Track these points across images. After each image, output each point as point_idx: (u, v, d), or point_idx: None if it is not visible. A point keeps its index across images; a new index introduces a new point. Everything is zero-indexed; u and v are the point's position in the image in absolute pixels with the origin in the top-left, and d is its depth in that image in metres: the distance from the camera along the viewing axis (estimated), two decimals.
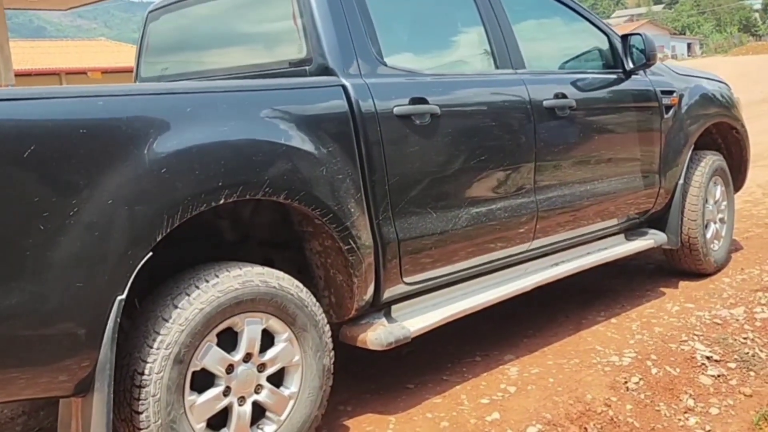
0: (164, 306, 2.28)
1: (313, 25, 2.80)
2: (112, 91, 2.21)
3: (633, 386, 3.09)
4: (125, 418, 2.23)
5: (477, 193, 3.11)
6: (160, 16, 3.72)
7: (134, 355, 2.22)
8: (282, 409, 2.52)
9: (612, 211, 3.85)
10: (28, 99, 2.04)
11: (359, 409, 2.98)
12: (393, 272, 2.86)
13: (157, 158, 2.16)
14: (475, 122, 3.13)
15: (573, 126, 3.57)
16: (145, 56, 3.81)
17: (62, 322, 2.01)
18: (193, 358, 2.28)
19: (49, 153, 1.98)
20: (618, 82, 3.90)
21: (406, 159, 2.85)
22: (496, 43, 3.37)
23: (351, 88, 2.73)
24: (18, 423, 3.11)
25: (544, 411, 2.88)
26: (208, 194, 2.26)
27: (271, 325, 2.49)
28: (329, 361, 2.64)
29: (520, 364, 3.33)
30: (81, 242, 2.01)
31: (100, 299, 2.06)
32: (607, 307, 4.03)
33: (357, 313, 2.84)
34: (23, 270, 1.94)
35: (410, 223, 2.87)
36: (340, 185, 2.63)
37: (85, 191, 2.03)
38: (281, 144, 2.48)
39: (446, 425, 2.80)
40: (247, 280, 2.41)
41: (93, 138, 2.07)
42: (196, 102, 2.36)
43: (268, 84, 2.69)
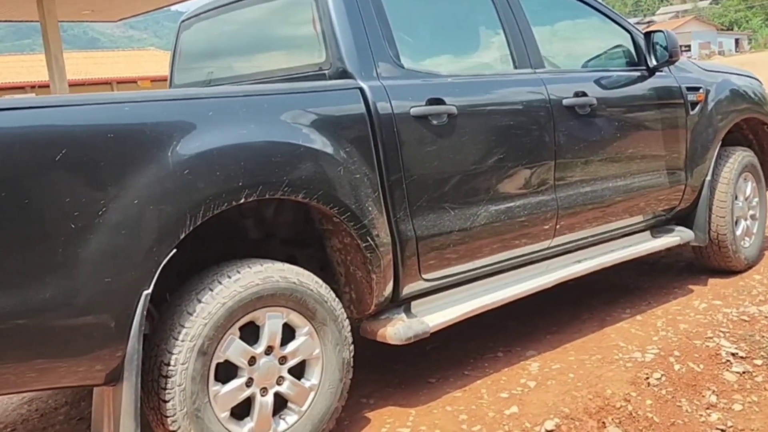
0: (189, 300, 2.40)
1: (332, 30, 2.90)
2: (137, 98, 2.35)
3: (654, 382, 3.11)
4: (153, 406, 2.35)
5: (495, 192, 3.16)
6: (191, 25, 3.88)
7: (161, 347, 2.35)
8: (303, 400, 2.62)
9: (636, 208, 3.86)
10: (60, 106, 2.19)
11: (381, 402, 3.06)
12: (412, 269, 2.93)
13: (181, 160, 2.28)
14: (493, 122, 3.19)
15: (594, 124, 3.60)
16: (178, 64, 3.97)
17: (93, 314, 2.14)
18: (216, 350, 2.40)
19: (79, 156, 2.12)
20: (641, 80, 3.91)
21: (423, 158, 2.92)
22: (515, 43, 3.42)
23: (368, 90, 2.81)
24: (61, 413, 3.28)
25: (563, 405, 2.92)
26: (229, 194, 2.37)
27: (292, 319, 2.59)
28: (349, 355, 2.73)
29: (542, 359, 3.38)
30: (109, 240, 2.14)
31: (128, 293, 2.18)
32: (633, 304, 4.03)
33: (377, 309, 2.92)
34: (56, 266, 2.08)
35: (428, 221, 2.94)
36: (357, 184, 2.71)
37: (113, 192, 2.16)
38: (299, 145, 2.58)
39: (464, 418, 2.87)
40: (268, 276, 2.51)
41: (120, 142, 2.20)
42: (218, 106, 2.48)
43: (286, 88, 2.79)
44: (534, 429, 2.76)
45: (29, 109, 2.13)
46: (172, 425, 2.31)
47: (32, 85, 26.34)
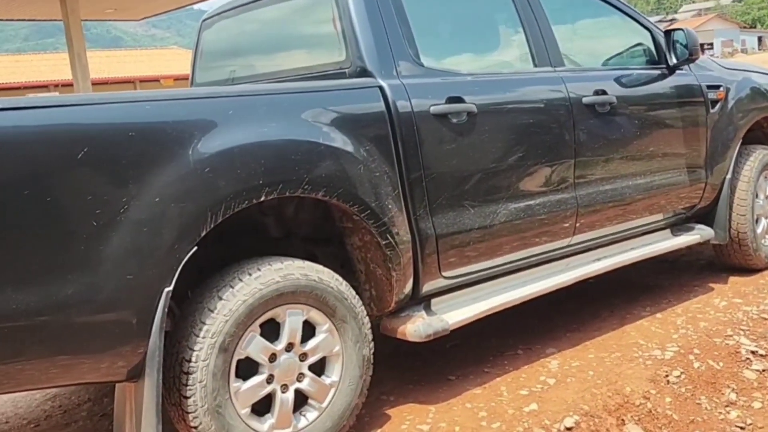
0: (210, 297, 2.42)
1: (352, 29, 2.91)
2: (158, 96, 2.37)
3: (674, 380, 3.09)
4: (175, 402, 2.38)
5: (515, 190, 3.16)
6: (212, 24, 3.91)
7: (182, 344, 2.37)
8: (323, 396, 2.64)
9: (656, 206, 3.84)
10: (81, 105, 2.22)
11: (401, 399, 3.07)
12: (431, 267, 2.94)
13: (201, 158, 2.30)
14: (513, 120, 3.18)
15: (614, 122, 3.58)
16: (200, 62, 4.00)
17: (114, 311, 2.17)
18: (237, 346, 2.42)
19: (100, 154, 2.15)
20: (661, 78, 3.89)
21: (443, 156, 2.92)
22: (534, 42, 3.42)
23: (388, 88, 2.82)
24: (83, 409, 3.33)
25: (582, 403, 2.91)
26: (249, 192, 2.39)
27: (312, 316, 2.61)
28: (369, 352, 2.75)
29: (562, 357, 3.37)
30: (130, 237, 2.17)
31: (149, 290, 2.21)
32: (653, 302, 4.01)
33: (397, 306, 2.93)
34: (78, 263, 2.10)
35: (448, 219, 2.95)
36: (377, 182, 2.72)
37: (134, 190, 2.18)
38: (319, 143, 2.59)
39: (484, 414, 2.87)
40: (288, 274, 2.53)
41: (141, 140, 2.22)
42: (238, 105, 2.50)
43: (306, 86, 2.81)
44: (553, 426, 2.76)
45: (51, 108, 2.16)
46: (193, 421, 2.33)
47: (56, 84, 26.63)
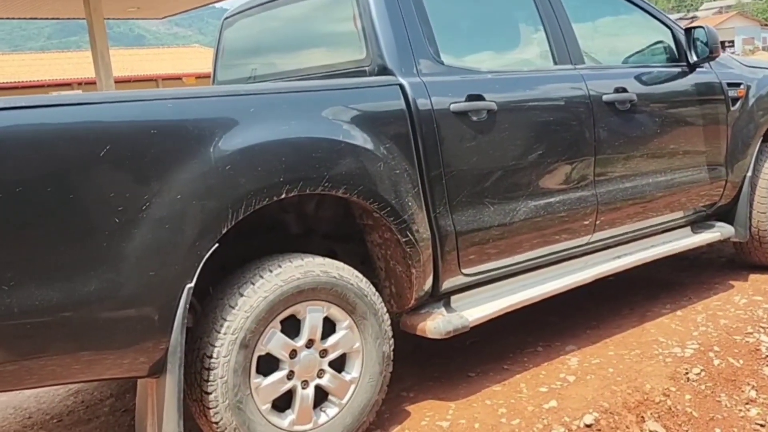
0: (231, 294, 2.44)
1: (372, 27, 2.92)
2: (180, 94, 2.39)
3: (694, 377, 3.08)
4: (196, 398, 2.41)
5: (534, 187, 3.15)
6: (234, 22, 3.94)
7: (204, 340, 2.40)
8: (343, 393, 2.65)
9: (676, 203, 3.81)
10: (104, 102, 2.24)
11: (421, 395, 3.08)
12: (451, 264, 2.94)
13: (222, 156, 2.32)
14: (533, 117, 3.18)
15: (634, 120, 3.56)
16: (221, 60, 4.03)
17: (137, 307, 2.19)
18: (258, 343, 2.44)
19: (123, 152, 2.17)
20: (681, 76, 3.86)
21: (463, 154, 2.93)
22: (555, 40, 3.41)
23: (408, 86, 2.83)
24: (106, 404, 3.38)
25: (602, 400, 2.91)
26: (270, 189, 2.41)
27: (332, 313, 2.63)
28: (389, 348, 2.76)
29: (581, 354, 3.36)
30: (153, 234, 2.19)
31: (171, 287, 2.23)
32: (673, 299, 3.99)
33: (416, 303, 2.94)
34: (101, 259, 2.13)
35: (468, 217, 2.95)
36: (397, 180, 2.73)
37: (156, 187, 2.20)
38: (340, 141, 2.60)
39: (504, 411, 2.87)
40: (308, 270, 2.55)
41: (163, 138, 2.25)
42: (259, 103, 2.52)
43: (326, 84, 2.82)
44: (573, 423, 2.76)
45: (74, 106, 2.18)
46: (215, 417, 2.36)
47: (79, 82, 26.88)
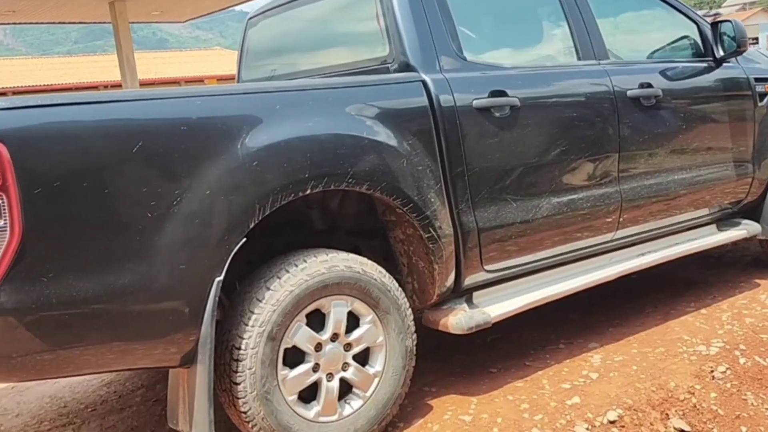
0: (258, 288, 2.49)
1: (395, 24, 2.95)
2: (208, 92, 2.44)
3: (719, 375, 3.07)
4: (225, 388, 2.46)
5: (557, 184, 3.16)
6: (258, 23, 3.99)
7: (232, 332, 2.45)
8: (367, 386, 2.69)
9: (701, 201, 3.80)
10: (136, 100, 2.30)
11: (443, 390, 3.11)
12: (473, 260, 2.96)
13: (249, 152, 2.37)
14: (556, 113, 3.19)
15: (659, 115, 3.56)
16: (245, 61, 4.09)
17: (168, 299, 2.25)
18: (284, 335, 2.49)
19: (154, 148, 2.23)
20: (708, 71, 3.84)
21: (486, 150, 2.95)
22: (579, 35, 3.41)
23: (431, 83, 2.86)
24: (137, 395, 3.45)
25: (626, 397, 2.91)
26: (296, 185, 2.45)
27: (356, 307, 2.66)
28: (411, 343, 2.79)
29: (604, 351, 3.36)
30: (183, 228, 2.25)
31: (201, 280, 2.28)
32: (698, 298, 3.97)
33: (439, 299, 2.96)
34: (133, 253, 2.19)
35: (490, 213, 2.97)
36: (420, 176, 2.76)
37: (186, 182, 2.26)
38: (363, 137, 2.64)
39: (526, 407, 2.89)
40: (333, 265, 2.59)
41: (192, 134, 2.30)
42: (284, 100, 2.56)
43: (350, 81, 2.86)
44: (596, 419, 2.77)
45: (108, 103, 2.25)
46: (243, 406, 2.41)
47: (105, 85, 27.34)
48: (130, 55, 14.16)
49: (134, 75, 14.13)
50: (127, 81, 14.06)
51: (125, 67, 14.13)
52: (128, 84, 14.01)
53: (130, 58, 14.15)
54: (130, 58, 14.15)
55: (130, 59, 14.14)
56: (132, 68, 14.14)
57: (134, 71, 14.17)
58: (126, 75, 14.11)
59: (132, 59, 14.18)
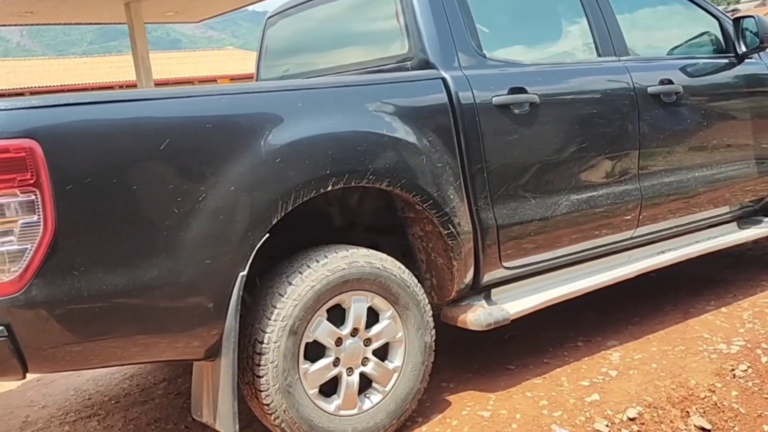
0: (280, 283, 2.52)
1: (415, 22, 2.96)
2: (233, 90, 2.48)
3: (740, 374, 3.06)
4: (248, 381, 2.49)
5: (577, 181, 3.16)
6: (277, 21, 4.03)
7: (255, 326, 2.48)
8: (387, 381, 2.71)
9: (722, 198, 3.78)
10: (163, 98, 2.34)
11: (461, 386, 3.12)
12: (492, 257, 2.97)
13: (272, 149, 2.40)
14: (576, 110, 3.19)
15: (680, 112, 3.55)
16: (264, 60, 4.12)
17: (194, 293, 2.28)
18: (306, 330, 2.51)
19: (181, 145, 2.27)
20: (729, 67, 3.83)
21: (505, 147, 2.96)
22: (599, 31, 3.41)
23: (450, 80, 2.87)
24: (159, 388, 3.50)
25: (646, 394, 2.91)
26: (317, 181, 2.48)
27: (376, 303, 2.68)
28: (430, 339, 2.81)
29: (623, 349, 3.36)
30: (208, 224, 2.28)
31: (225, 274, 2.32)
32: (718, 296, 3.96)
33: (457, 295, 2.98)
34: (160, 248, 2.23)
35: (509, 210, 2.98)
36: (439, 173, 2.78)
37: (211, 179, 2.29)
38: (384, 135, 2.66)
39: (545, 403, 2.90)
40: (354, 261, 2.61)
41: (217, 132, 2.34)
42: (306, 97, 2.58)
43: (371, 79, 2.88)
44: (616, 416, 2.77)
45: (136, 101, 2.29)
46: (266, 399, 2.44)
47: (120, 85, 27.53)
48: (145, 56, 14.28)
49: (149, 75, 14.25)
50: (142, 81, 14.19)
51: (140, 67, 14.26)
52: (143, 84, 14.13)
53: (145, 58, 14.27)
54: (145, 58, 14.27)
55: (145, 59, 14.26)
56: (147, 68, 14.26)
57: (149, 71, 14.29)
58: (141, 75, 14.23)
59: (147, 59, 14.30)
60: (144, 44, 14.37)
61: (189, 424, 3.04)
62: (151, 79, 14.41)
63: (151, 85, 14.32)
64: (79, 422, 3.23)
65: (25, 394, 3.64)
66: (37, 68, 32.16)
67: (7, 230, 2.07)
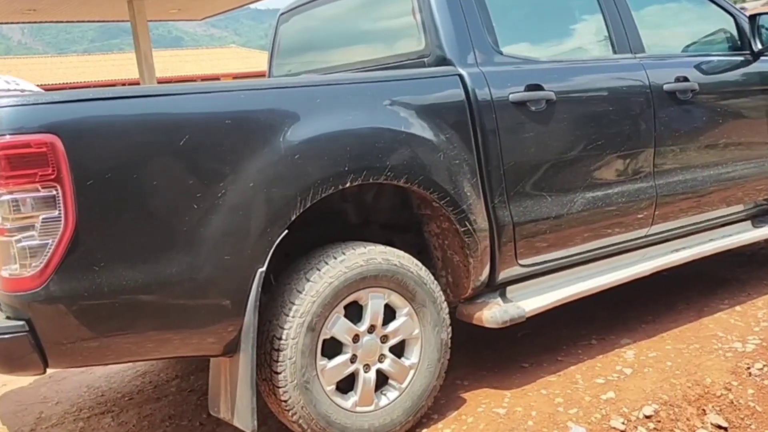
0: (298, 279, 2.52)
1: (432, 18, 2.96)
2: (252, 86, 2.48)
3: (756, 372, 3.05)
4: (266, 377, 2.48)
5: (593, 178, 3.16)
6: (289, 18, 4.02)
7: (273, 323, 2.47)
8: (403, 377, 2.71)
9: (737, 196, 3.77)
10: (182, 94, 2.34)
11: (476, 384, 3.12)
12: (508, 254, 2.97)
13: (291, 145, 2.40)
14: (592, 107, 3.18)
15: (695, 110, 3.54)
16: (277, 57, 4.12)
17: (213, 289, 2.28)
18: (323, 326, 2.51)
19: (200, 141, 2.26)
20: (745, 64, 3.82)
21: (522, 144, 2.95)
22: (615, 29, 3.41)
23: (467, 77, 2.87)
24: (172, 385, 3.50)
25: (661, 392, 2.91)
26: (336, 178, 2.48)
27: (393, 300, 2.68)
28: (447, 336, 2.80)
29: (637, 348, 3.35)
30: (228, 220, 2.28)
31: (244, 270, 2.32)
32: (732, 295, 3.95)
33: (473, 293, 2.97)
34: (180, 243, 2.23)
35: (525, 207, 2.97)
36: (456, 170, 2.77)
37: (231, 175, 2.29)
38: (401, 131, 2.66)
39: (560, 401, 2.89)
40: (371, 258, 2.61)
41: (237, 128, 2.33)
42: (325, 94, 2.58)
43: (388, 75, 2.87)
44: (632, 414, 2.77)
45: (156, 97, 2.29)
46: (284, 395, 2.43)
47: (123, 83, 27.50)
48: (148, 53, 14.30)
49: (152, 73, 14.26)
50: (145, 79, 14.20)
51: (143, 65, 14.28)
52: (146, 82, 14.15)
53: (148, 56, 14.29)
54: (148, 56, 14.29)
55: (148, 57, 14.28)
56: (150, 66, 14.28)
57: (152, 69, 14.30)
58: (144, 73, 14.24)
59: (150, 57, 14.32)
60: (147, 42, 14.39)
61: (204, 421, 3.04)
62: (154, 77, 14.41)
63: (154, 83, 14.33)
64: (93, 418, 3.23)
65: (38, 390, 3.64)
66: (40, 66, 32.14)
67: (29, 225, 2.07)
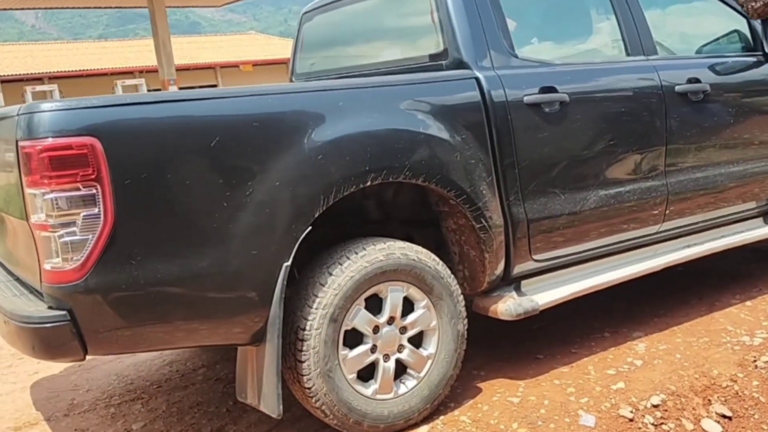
0: (321, 273, 2.65)
1: (449, 21, 3.06)
2: (278, 90, 2.61)
3: (762, 365, 3.14)
4: (290, 366, 2.63)
5: (605, 177, 3.25)
6: (313, 17, 4.15)
7: (297, 314, 2.61)
8: (421, 367, 2.84)
9: (748, 194, 3.85)
10: (213, 98, 2.48)
11: (492, 374, 3.24)
12: (522, 250, 3.08)
13: (315, 146, 2.53)
14: (605, 108, 3.28)
15: (707, 110, 3.62)
16: (300, 53, 4.25)
17: (241, 282, 2.43)
18: (345, 318, 2.65)
19: (230, 142, 2.40)
20: (757, 65, 3.88)
21: (536, 144, 3.05)
22: (628, 31, 3.49)
23: (483, 79, 2.97)
24: (199, 374, 3.65)
25: (669, 383, 3.01)
26: (357, 177, 2.60)
27: (411, 293, 2.81)
28: (463, 327, 2.93)
29: (648, 341, 3.46)
30: (255, 217, 2.42)
31: (271, 265, 2.46)
32: (743, 290, 4.03)
33: (489, 287, 3.09)
34: (211, 239, 2.37)
35: (539, 205, 3.08)
36: (473, 169, 2.89)
37: (258, 174, 2.43)
38: (420, 132, 2.77)
39: (572, 390, 3.01)
40: (390, 253, 2.73)
41: (264, 129, 2.47)
42: (347, 97, 2.71)
43: (407, 79, 2.98)
44: (640, 403, 2.88)
45: (188, 101, 2.44)
46: (307, 383, 2.58)
47: (140, 70, 27.53)
48: (166, 40, 14.25)
49: (170, 60, 14.20)
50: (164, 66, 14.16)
51: (161, 52, 14.24)
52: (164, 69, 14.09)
53: (166, 43, 14.24)
54: (166, 43, 14.24)
55: (167, 44, 14.23)
56: (168, 53, 14.23)
57: (170, 56, 14.24)
58: (162, 60, 14.20)
59: (168, 44, 14.26)
60: (165, 29, 14.35)
61: (230, 408, 3.19)
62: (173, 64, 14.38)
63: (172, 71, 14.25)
64: (124, 405, 3.39)
65: (69, 378, 3.81)
66: (55, 52, 32.09)
67: (70, 222, 2.22)
